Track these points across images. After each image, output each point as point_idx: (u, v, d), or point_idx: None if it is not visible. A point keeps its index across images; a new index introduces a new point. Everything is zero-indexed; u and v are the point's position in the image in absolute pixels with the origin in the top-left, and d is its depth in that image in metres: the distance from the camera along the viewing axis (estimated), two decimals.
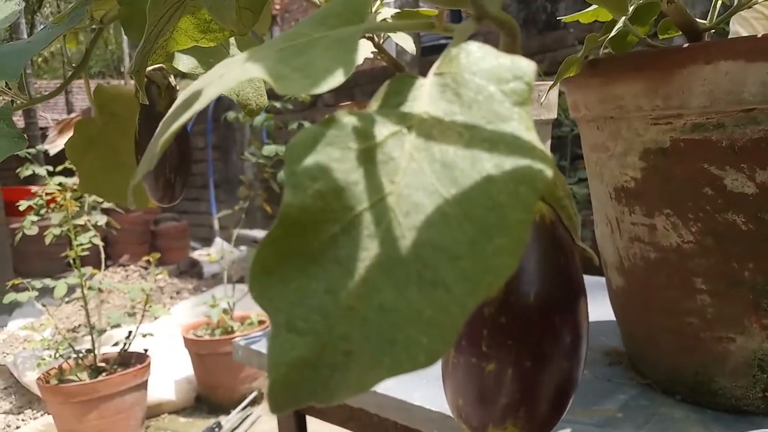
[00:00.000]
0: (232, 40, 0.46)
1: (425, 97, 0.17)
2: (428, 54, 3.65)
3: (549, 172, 0.15)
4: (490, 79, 0.17)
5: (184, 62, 0.42)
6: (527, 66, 0.17)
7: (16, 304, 3.15)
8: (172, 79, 0.58)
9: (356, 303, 0.15)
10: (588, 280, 0.85)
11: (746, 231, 0.42)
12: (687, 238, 0.45)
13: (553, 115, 0.75)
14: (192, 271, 3.83)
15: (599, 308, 0.77)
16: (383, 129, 0.17)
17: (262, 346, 0.74)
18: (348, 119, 0.16)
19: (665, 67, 0.42)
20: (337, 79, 0.16)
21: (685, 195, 0.44)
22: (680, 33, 0.48)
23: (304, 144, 0.16)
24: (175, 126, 0.17)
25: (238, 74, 0.17)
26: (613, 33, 0.44)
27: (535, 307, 0.23)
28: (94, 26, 0.53)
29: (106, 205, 2.17)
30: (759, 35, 0.38)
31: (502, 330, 0.23)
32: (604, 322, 0.72)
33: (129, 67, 0.39)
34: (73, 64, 0.56)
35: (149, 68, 0.58)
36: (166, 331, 2.44)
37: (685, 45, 0.41)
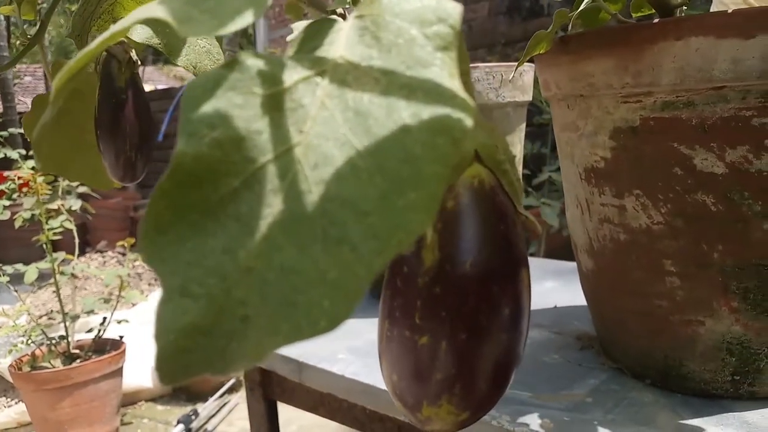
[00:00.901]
0: None
1: (342, 40, 0.16)
2: None
3: (469, 122, 0.14)
4: (412, 22, 0.15)
5: (139, 32, 0.40)
6: (453, 8, 0.16)
7: None
8: (133, 53, 0.56)
9: (255, 263, 0.13)
10: (564, 265, 0.84)
11: (715, 212, 0.41)
12: (656, 219, 0.44)
13: (528, 97, 0.74)
14: None
15: (573, 293, 0.76)
16: (293, 74, 0.15)
17: None
18: (253, 61, 0.15)
19: (635, 44, 0.41)
20: (246, 19, 0.15)
21: (654, 175, 0.43)
22: (653, 11, 0.47)
23: (203, 88, 0.14)
24: (72, 63, 0.16)
25: (141, 14, 0.15)
26: (582, 7, 0.43)
27: (472, 276, 0.22)
28: None
29: (82, 189, 2.13)
30: (729, 11, 0.37)
31: (436, 300, 0.22)
32: (577, 306, 0.72)
33: (66, 29, 0.37)
34: (29, 35, 0.54)
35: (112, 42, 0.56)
36: (144, 318, 2.41)
37: (656, 20, 0.40)
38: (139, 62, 0.57)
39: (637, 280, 0.47)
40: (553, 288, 0.81)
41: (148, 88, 7.08)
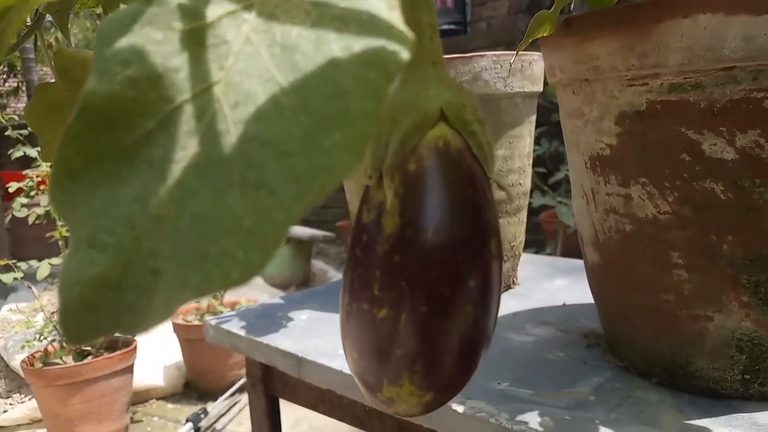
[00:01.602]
0: None
1: None
2: None
3: (405, 54, 0.12)
4: None
5: None
6: None
7: (11, 289, 3.14)
8: None
9: (167, 212, 0.12)
10: (575, 263, 0.82)
11: (725, 200, 0.39)
12: (663, 208, 0.42)
13: (538, 87, 0.72)
14: None
15: (583, 291, 0.74)
16: (218, 8, 0.14)
17: (233, 326, 0.71)
18: None
19: (641, 23, 0.39)
20: None
21: (661, 162, 0.41)
22: None
23: (119, 23, 0.13)
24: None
25: None
26: None
27: (434, 245, 0.20)
28: None
29: None
30: None
31: (396, 270, 0.20)
32: (586, 305, 0.70)
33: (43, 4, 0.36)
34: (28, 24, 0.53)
35: None
36: None
37: None
38: None
39: (643, 273, 0.45)
40: (563, 286, 0.79)
41: None
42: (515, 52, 0.67)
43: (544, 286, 0.79)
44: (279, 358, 0.63)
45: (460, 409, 0.46)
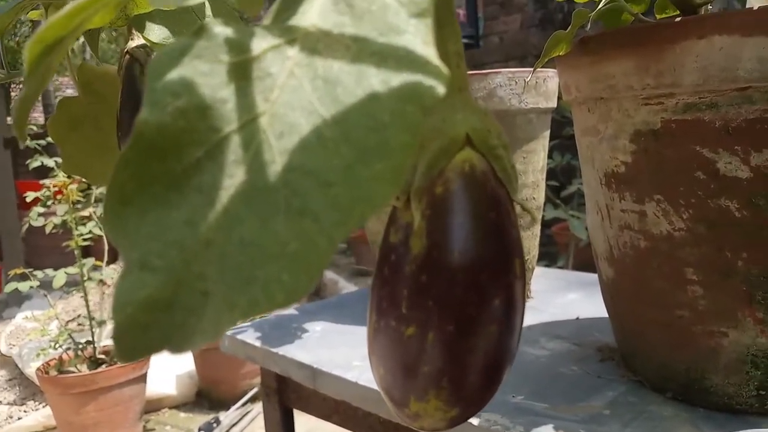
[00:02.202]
0: (208, 11, 0.44)
1: (316, 9, 0.15)
2: None
3: (441, 89, 0.13)
4: None
5: (156, 32, 0.41)
6: None
7: (26, 297, 3.17)
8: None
9: (216, 236, 0.13)
10: (588, 277, 0.82)
11: (740, 218, 0.40)
12: (678, 225, 0.42)
13: (552, 104, 0.73)
14: None
15: (596, 305, 0.75)
16: (262, 42, 0.15)
17: (248, 336, 0.72)
18: (221, 29, 0.15)
19: (657, 43, 0.39)
20: None
21: (676, 180, 0.42)
22: (677, 12, 0.46)
23: (169, 56, 0.14)
24: (42, 31, 0.15)
25: None
26: (600, 6, 0.42)
27: (459, 265, 0.21)
28: None
29: None
30: (756, 7, 0.36)
31: (423, 290, 0.21)
32: (600, 318, 0.70)
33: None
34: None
35: (132, 45, 0.57)
36: None
37: (678, 19, 0.39)
38: None
39: (658, 289, 0.45)
40: (576, 300, 0.79)
41: None
42: (531, 70, 0.68)
43: (557, 300, 0.79)
44: (294, 369, 0.64)
45: (475, 422, 0.47)
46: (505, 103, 0.67)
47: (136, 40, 0.56)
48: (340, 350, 0.65)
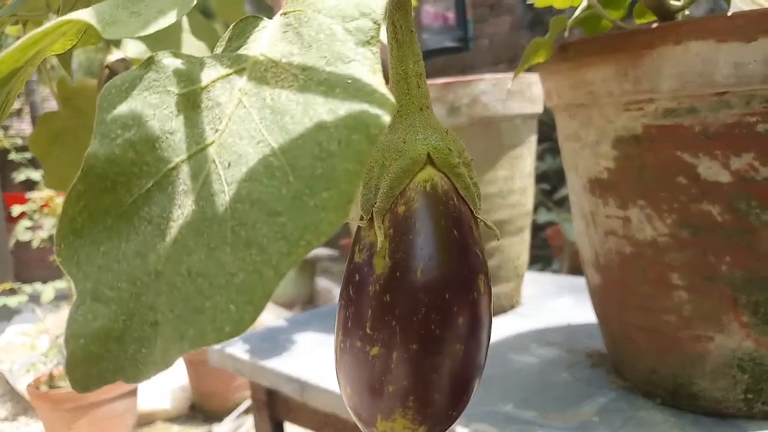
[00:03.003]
0: (185, 25, 0.44)
1: (265, 38, 0.15)
2: (430, 57, 3.63)
3: (386, 118, 0.13)
4: (334, 17, 0.15)
5: (132, 48, 0.40)
6: (376, 2, 0.15)
7: (16, 311, 3.14)
8: None
9: (165, 267, 0.13)
10: (580, 282, 0.82)
11: (722, 222, 0.40)
12: (662, 230, 0.42)
13: (538, 108, 0.73)
14: None
15: (588, 310, 0.75)
16: (212, 72, 0.15)
17: (237, 350, 0.72)
18: (170, 61, 0.14)
19: (634, 49, 0.40)
20: (168, 18, 0.14)
21: (658, 185, 0.42)
22: (656, 18, 0.46)
23: (119, 89, 0.14)
24: None
25: (66, 18, 0.15)
26: (577, 13, 0.42)
27: (422, 284, 0.20)
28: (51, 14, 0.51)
29: None
30: (729, 14, 0.36)
31: (387, 309, 0.21)
32: (591, 324, 0.70)
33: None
34: None
35: (111, 59, 0.56)
36: None
37: (654, 25, 0.39)
38: None
39: (644, 294, 0.45)
40: (568, 305, 0.79)
41: None
42: (513, 76, 0.68)
43: (548, 306, 0.79)
44: (283, 382, 0.64)
45: None
46: (490, 110, 0.67)
47: (115, 54, 0.56)
48: (328, 362, 0.65)
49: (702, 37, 0.37)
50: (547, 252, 2.98)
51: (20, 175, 2.00)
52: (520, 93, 0.69)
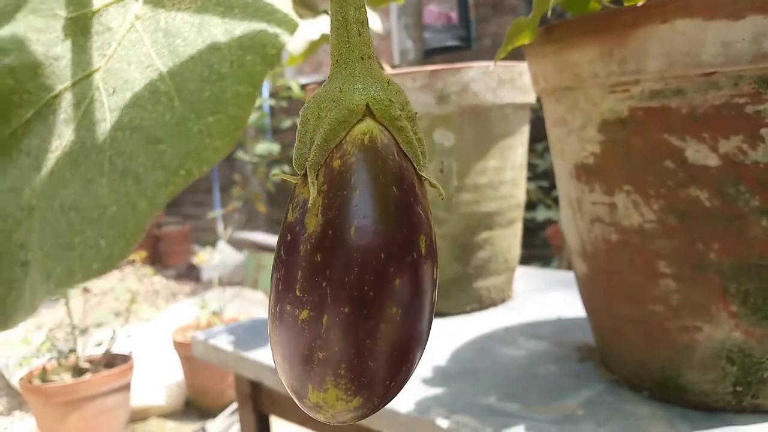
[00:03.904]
0: None
1: None
2: (432, 55, 3.62)
3: (285, 37, 0.12)
4: None
5: None
6: None
7: None
8: None
9: (39, 202, 0.11)
10: (570, 276, 0.80)
11: (710, 208, 0.38)
12: (648, 216, 0.41)
13: (530, 98, 0.71)
14: (190, 274, 3.79)
15: (577, 303, 0.73)
16: None
17: (221, 341, 0.71)
18: None
19: (619, 28, 0.38)
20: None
21: (645, 169, 0.40)
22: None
23: (2, 12, 0.12)
24: None
25: None
26: None
27: (356, 242, 0.19)
28: None
29: None
30: None
31: (317, 270, 0.19)
32: (580, 318, 0.69)
33: None
34: None
35: None
36: (158, 334, 2.40)
37: (640, 3, 0.38)
38: None
39: (631, 283, 0.44)
40: (559, 298, 0.77)
41: None
42: (506, 64, 0.67)
43: (539, 300, 0.77)
44: (267, 374, 0.62)
45: (444, 424, 0.45)
46: (479, 98, 0.66)
47: None
48: None
49: (689, 15, 0.36)
50: (547, 251, 2.96)
51: None
52: (510, 82, 0.68)
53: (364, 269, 0.19)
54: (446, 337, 0.65)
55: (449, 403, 0.49)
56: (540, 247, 2.90)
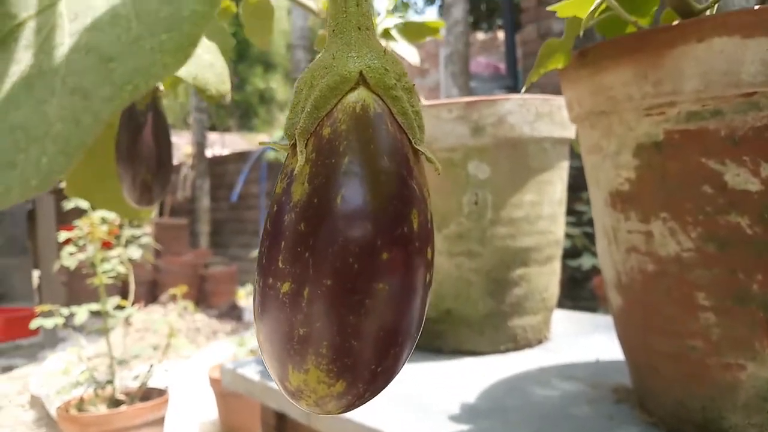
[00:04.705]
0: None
1: None
2: None
3: None
4: None
5: None
6: None
7: (61, 339, 3.20)
8: None
9: None
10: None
11: (751, 235, 0.36)
12: (686, 245, 0.39)
13: (569, 133, 0.70)
14: (232, 314, 3.82)
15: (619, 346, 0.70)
16: None
17: (249, 371, 0.70)
18: None
19: (654, 49, 0.37)
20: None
21: (682, 195, 0.39)
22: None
23: None
24: None
25: None
26: (594, 10, 0.40)
27: (341, 212, 0.18)
28: None
29: (156, 245, 2.19)
30: (757, 7, 0.34)
31: (300, 239, 0.18)
32: (621, 361, 0.66)
33: None
34: None
35: None
36: (196, 371, 2.41)
37: (675, 22, 0.37)
38: (161, 88, 0.57)
39: (668, 316, 0.42)
40: (599, 342, 0.74)
41: (226, 152, 7.37)
42: (543, 97, 0.66)
43: (578, 342, 0.75)
44: (289, 404, 0.61)
45: None
46: (516, 131, 0.65)
47: None
48: None
49: (726, 33, 0.34)
50: (593, 304, 2.88)
51: (68, 204, 2.06)
52: (549, 115, 0.67)
53: (348, 240, 0.18)
54: (477, 376, 0.63)
55: None
56: (586, 299, 2.83)
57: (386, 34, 0.68)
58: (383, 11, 0.69)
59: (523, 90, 0.41)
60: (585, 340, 0.76)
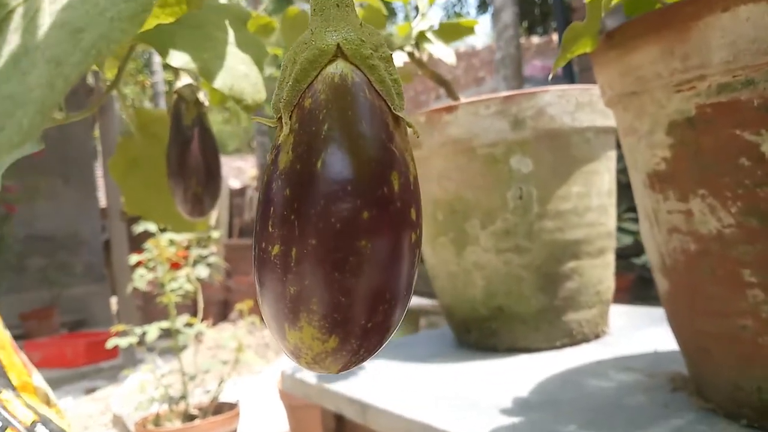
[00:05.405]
0: (231, 38, 0.46)
1: None
2: None
3: None
4: None
5: (177, 57, 0.42)
6: None
7: (140, 360, 3.34)
8: (201, 94, 0.59)
9: None
10: None
11: None
12: (727, 221, 0.38)
13: (612, 122, 0.69)
14: None
15: None
16: None
17: (307, 374, 0.71)
18: None
19: (679, 23, 0.37)
20: None
21: (719, 170, 0.38)
22: None
23: None
24: None
25: None
26: None
27: (321, 175, 0.19)
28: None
29: (213, 261, 2.26)
30: None
31: (286, 204, 0.20)
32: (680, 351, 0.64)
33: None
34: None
35: (180, 84, 0.60)
36: (266, 385, 2.46)
37: None
38: (207, 102, 0.60)
39: (715, 297, 0.41)
40: (659, 334, 0.72)
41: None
42: (583, 87, 0.65)
43: (637, 335, 0.73)
44: (345, 404, 0.62)
45: None
46: (557, 122, 0.65)
47: (183, 80, 0.59)
48: (394, 384, 0.63)
49: (752, 0, 0.34)
50: (657, 303, 2.78)
51: (138, 228, 2.15)
52: (589, 105, 0.66)
53: (329, 201, 0.19)
54: (531, 371, 0.62)
55: (525, 430, 0.47)
56: (656, 298, 2.73)
57: (421, 36, 0.69)
58: (418, 15, 0.70)
59: (550, 76, 0.41)
60: (644, 333, 0.74)
